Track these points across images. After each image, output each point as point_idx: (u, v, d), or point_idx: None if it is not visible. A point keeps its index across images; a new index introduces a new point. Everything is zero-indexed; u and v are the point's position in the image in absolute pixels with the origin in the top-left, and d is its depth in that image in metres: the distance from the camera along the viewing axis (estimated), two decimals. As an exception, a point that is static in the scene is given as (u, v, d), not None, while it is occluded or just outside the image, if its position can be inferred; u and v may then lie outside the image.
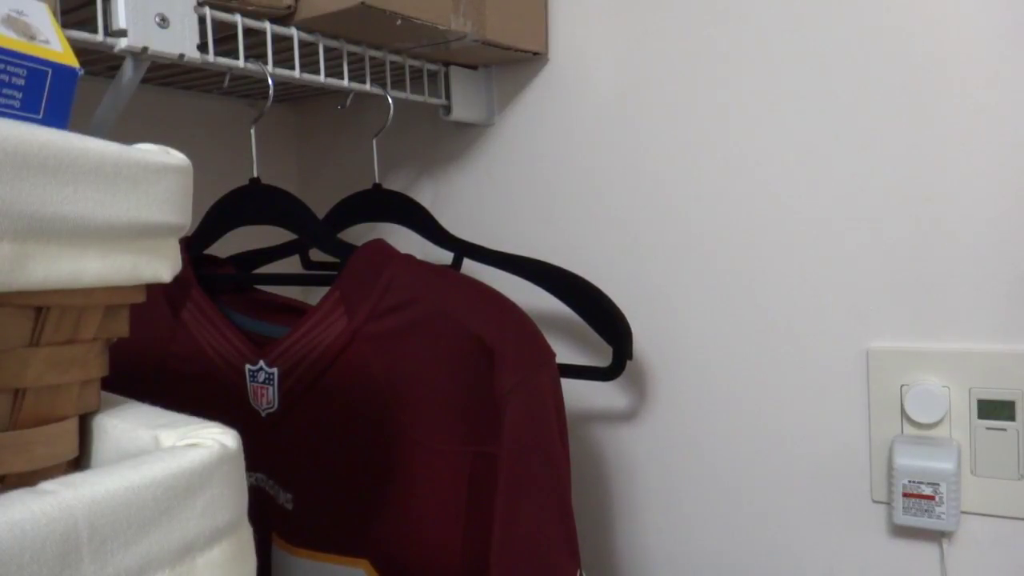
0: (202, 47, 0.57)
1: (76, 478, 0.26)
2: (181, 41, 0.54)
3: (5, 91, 0.31)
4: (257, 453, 0.63)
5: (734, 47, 0.71)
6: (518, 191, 0.85)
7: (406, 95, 0.76)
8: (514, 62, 0.84)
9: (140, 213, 0.30)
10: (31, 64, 0.31)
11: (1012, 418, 0.60)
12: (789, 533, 0.71)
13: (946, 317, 0.63)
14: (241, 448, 0.32)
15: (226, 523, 0.30)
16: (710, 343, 0.74)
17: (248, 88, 0.90)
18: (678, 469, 0.77)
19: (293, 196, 0.65)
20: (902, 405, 0.64)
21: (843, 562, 0.69)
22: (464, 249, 0.72)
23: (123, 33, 0.51)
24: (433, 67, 0.79)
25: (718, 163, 0.73)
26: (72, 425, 0.32)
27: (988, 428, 0.61)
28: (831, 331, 0.68)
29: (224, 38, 0.60)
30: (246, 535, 0.32)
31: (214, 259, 0.72)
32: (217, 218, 0.68)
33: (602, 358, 0.73)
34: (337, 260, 0.63)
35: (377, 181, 0.75)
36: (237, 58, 0.60)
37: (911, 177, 0.64)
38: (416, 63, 0.77)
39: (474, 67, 0.85)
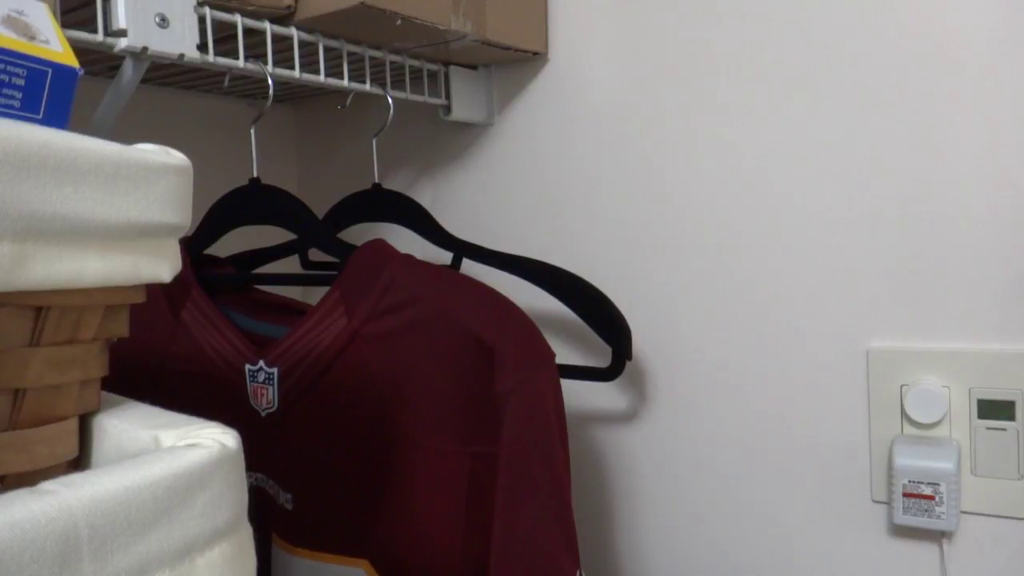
0: (202, 47, 0.56)
1: (76, 478, 0.26)
2: (181, 41, 0.54)
3: (5, 91, 0.31)
4: (257, 453, 0.63)
5: (733, 47, 0.71)
6: (518, 191, 0.85)
7: (406, 95, 0.76)
8: (514, 62, 0.84)
9: (140, 213, 0.30)
10: (31, 64, 0.31)
11: (1012, 418, 0.60)
12: (789, 533, 0.71)
13: (946, 317, 0.63)
14: (241, 448, 0.32)
15: (226, 523, 0.30)
16: (710, 343, 0.74)
17: (248, 88, 0.90)
18: (678, 469, 0.77)
19: (293, 196, 0.65)
20: (902, 405, 0.64)
21: (843, 562, 0.69)
22: (463, 249, 0.72)
23: (123, 33, 0.51)
24: (433, 67, 0.79)
25: (718, 163, 0.73)
26: (72, 425, 0.32)
27: (988, 428, 0.61)
28: (831, 331, 0.68)
29: (224, 38, 0.60)
30: (246, 535, 0.32)
31: (214, 259, 0.72)
32: (217, 218, 0.68)
33: (602, 358, 0.72)
34: (337, 260, 0.63)
35: (377, 181, 0.75)
36: (237, 58, 0.60)
37: (910, 177, 0.64)
38: (416, 63, 0.77)
39: (474, 67, 0.85)
